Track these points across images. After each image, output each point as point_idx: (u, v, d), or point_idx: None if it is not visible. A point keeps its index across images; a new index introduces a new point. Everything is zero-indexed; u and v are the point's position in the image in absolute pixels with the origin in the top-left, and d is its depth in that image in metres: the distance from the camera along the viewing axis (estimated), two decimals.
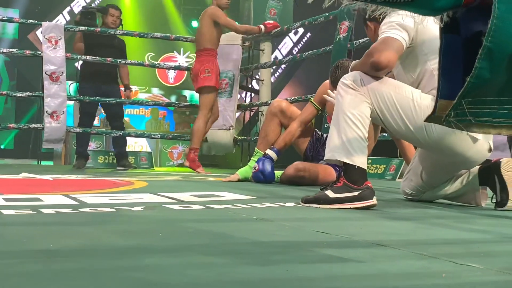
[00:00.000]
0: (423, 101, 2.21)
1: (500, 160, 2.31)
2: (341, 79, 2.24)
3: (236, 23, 5.84)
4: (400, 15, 2.18)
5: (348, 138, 2.14)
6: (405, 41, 2.21)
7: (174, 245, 1.23)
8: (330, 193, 2.12)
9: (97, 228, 1.46)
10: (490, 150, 2.33)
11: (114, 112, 6.01)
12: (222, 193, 2.59)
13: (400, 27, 2.21)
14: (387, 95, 2.20)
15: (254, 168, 3.60)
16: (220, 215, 1.82)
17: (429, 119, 1.32)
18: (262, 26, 5.53)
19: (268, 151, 3.62)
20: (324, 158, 2.27)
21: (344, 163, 2.15)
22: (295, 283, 0.89)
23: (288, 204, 2.20)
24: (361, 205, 2.08)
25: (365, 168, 2.16)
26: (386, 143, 4.23)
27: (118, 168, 5.85)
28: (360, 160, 2.14)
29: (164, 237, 1.32)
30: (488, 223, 1.88)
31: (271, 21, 5.71)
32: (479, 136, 2.24)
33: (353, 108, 2.17)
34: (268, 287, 0.86)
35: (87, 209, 1.79)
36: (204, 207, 1.97)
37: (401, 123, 2.22)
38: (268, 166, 3.55)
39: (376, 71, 2.19)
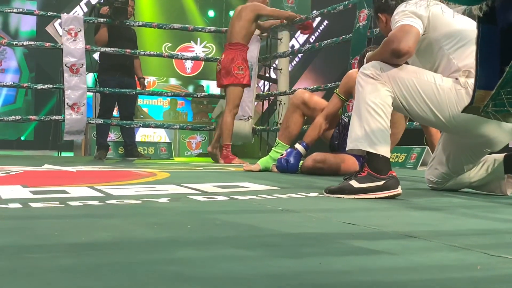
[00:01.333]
0: (445, 84, 2.20)
1: None
2: (360, 70, 2.24)
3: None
4: (412, 4, 2.18)
5: (370, 127, 2.13)
6: (421, 28, 2.22)
7: (204, 237, 1.23)
8: (354, 183, 2.11)
9: (126, 220, 1.46)
10: None
11: (129, 105, 6.07)
12: (244, 184, 2.59)
13: (414, 15, 2.22)
14: (409, 81, 2.19)
15: (281, 155, 3.60)
16: (245, 207, 1.82)
17: (466, 109, 1.31)
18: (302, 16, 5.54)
19: (298, 146, 3.60)
20: (346, 149, 2.26)
21: (368, 152, 2.14)
22: (330, 277, 0.88)
23: (312, 194, 2.20)
24: (386, 195, 2.06)
25: (389, 157, 2.15)
26: (406, 131, 4.19)
27: (129, 158, 5.88)
28: (384, 149, 2.13)
29: (193, 229, 1.32)
30: None
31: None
32: None
33: (374, 97, 2.16)
34: (304, 281, 0.86)
35: (114, 201, 1.80)
36: (228, 198, 1.98)
37: (425, 108, 2.20)
38: (294, 158, 3.56)
39: (397, 59, 2.19)
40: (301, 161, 3.65)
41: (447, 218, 1.68)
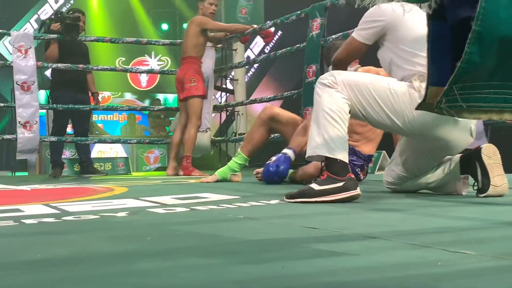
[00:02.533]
0: (399, 88, 2.29)
1: (481, 146, 2.34)
2: (318, 79, 2.30)
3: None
4: (376, 6, 2.28)
5: (328, 134, 2.17)
6: (365, 38, 2.46)
7: (165, 248, 1.21)
8: (315, 186, 2.13)
9: (83, 235, 1.43)
10: (471, 134, 2.37)
11: (84, 121, 5.97)
12: (205, 194, 2.57)
13: (366, 24, 2.45)
14: (364, 87, 2.25)
15: (270, 160, 3.38)
16: (206, 216, 1.80)
17: (420, 106, 1.33)
18: (255, 26, 5.57)
19: (287, 151, 3.39)
20: (306, 156, 2.29)
21: (326, 158, 2.16)
22: (293, 280, 0.88)
23: (272, 201, 2.20)
24: (346, 195, 2.09)
25: (347, 161, 2.18)
26: None
27: (85, 175, 5.76)
28: (341, 154, 2.16)
29: (153, 241, 1.30)
30: (474, 211, 1.89)
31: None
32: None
33: (331, 104, 2.21)
34: (267, 285, 0.85)
35: (70, 217, 1.76)
36: (188, 209, 1.95)
37: (381, 113, 2.26)
38: (284, 162, 3.33)
39: (332, 67, 2.58)
40: (291, 170, 3.59)
41: (406, 218, 1.70)
